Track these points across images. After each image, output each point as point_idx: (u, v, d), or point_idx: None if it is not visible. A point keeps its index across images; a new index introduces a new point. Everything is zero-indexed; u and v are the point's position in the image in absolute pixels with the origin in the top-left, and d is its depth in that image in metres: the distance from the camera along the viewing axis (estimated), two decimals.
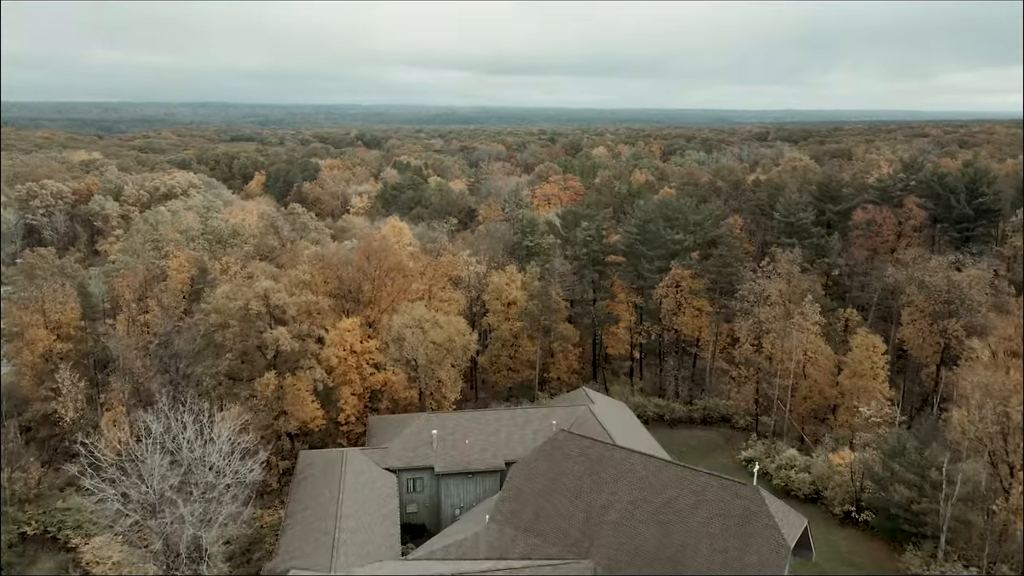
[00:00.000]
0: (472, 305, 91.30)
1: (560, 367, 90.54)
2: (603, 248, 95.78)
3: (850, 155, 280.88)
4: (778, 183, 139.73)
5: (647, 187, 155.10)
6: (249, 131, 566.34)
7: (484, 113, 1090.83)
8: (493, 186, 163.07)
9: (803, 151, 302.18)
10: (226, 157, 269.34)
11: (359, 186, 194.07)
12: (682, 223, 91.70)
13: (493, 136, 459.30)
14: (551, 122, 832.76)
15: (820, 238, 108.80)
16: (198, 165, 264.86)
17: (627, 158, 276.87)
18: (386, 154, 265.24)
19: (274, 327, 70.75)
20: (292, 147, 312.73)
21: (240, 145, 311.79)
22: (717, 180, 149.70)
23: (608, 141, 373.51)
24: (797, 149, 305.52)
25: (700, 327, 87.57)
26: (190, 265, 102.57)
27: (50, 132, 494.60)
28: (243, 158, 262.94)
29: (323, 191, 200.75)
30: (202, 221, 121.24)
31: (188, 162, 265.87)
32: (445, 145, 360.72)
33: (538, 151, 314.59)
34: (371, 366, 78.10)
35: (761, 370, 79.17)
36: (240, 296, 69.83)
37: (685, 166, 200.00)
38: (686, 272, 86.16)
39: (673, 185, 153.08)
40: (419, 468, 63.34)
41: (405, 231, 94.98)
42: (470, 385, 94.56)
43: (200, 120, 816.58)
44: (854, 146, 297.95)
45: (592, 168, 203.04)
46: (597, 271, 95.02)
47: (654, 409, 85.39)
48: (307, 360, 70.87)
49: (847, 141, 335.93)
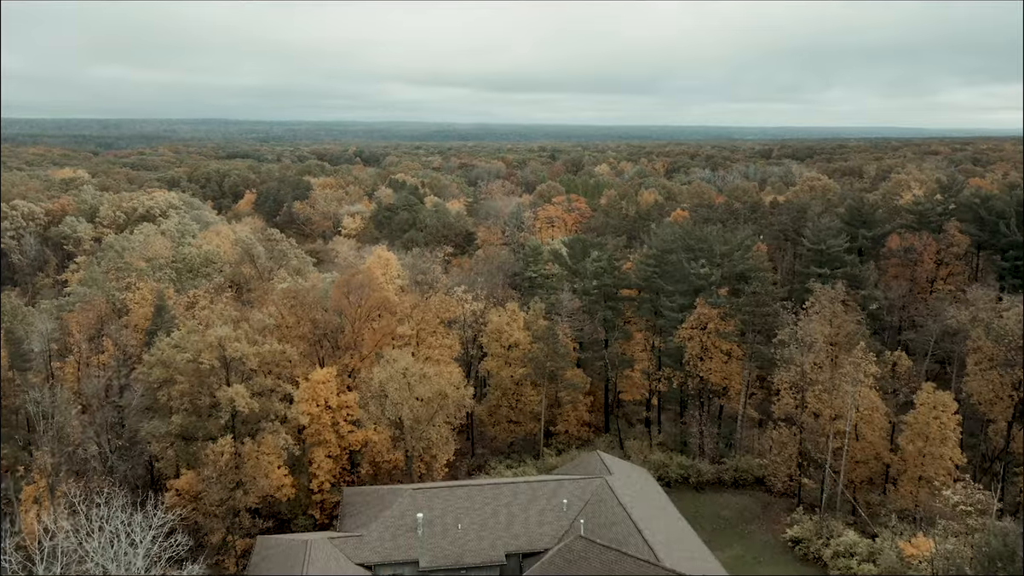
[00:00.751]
0: (468, 348, 79.39)
1: (568, 419, 78.52)
2: (616, 281, 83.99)
3: (861, 173, 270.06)
4: (799, 205, 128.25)
5: (656, 208, 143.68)
6: (247, 147, 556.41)
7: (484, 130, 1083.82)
8: (492, 207, 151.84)
9: (812, 169, 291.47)
10: (217, 175, 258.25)
11: (351, 206, 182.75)
12: (707, 253, 79.90)
13: (493, 153, 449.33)
14: (550, 138, 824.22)
15: (853, 267, 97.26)
16: (188, 183, 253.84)
17: (631, 176, 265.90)
18: (382, 171, 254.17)
19: (231, 383, 59.04)
20: (287, 164, 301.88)
21: (232, 163, 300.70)
22: (733, 202, 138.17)
23: (610, 158, 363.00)
24: (805, 167, 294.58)
25: (729, 374, 75.60)
26: (154, 298, 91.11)
27: (46, 148, 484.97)
28: (234, 176, 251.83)
29: (314, 211, 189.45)
30: (175, 246, 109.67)
31: (178, 180, 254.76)
32: (444, 162, 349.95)
33: (539, 169, 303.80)
34: (349, 423, 66.24)
35: (805, 428, 67.19)
36: (190, 346, 57.97)
37: (693, 185, 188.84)
38: (713, 312, 74.28)
39: (685, 207, 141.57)
40: (401, 563, 51.25)
41: (392, 262, 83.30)
42: (466, 436, 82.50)
43: (200, 137, 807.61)
44: (864, 164, 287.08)
45: (596, 187, 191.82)
46: (610, 307, 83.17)
47: (677, 470, 73.27)
48: (271, 424, 58.95)
49: (855, 159, 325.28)
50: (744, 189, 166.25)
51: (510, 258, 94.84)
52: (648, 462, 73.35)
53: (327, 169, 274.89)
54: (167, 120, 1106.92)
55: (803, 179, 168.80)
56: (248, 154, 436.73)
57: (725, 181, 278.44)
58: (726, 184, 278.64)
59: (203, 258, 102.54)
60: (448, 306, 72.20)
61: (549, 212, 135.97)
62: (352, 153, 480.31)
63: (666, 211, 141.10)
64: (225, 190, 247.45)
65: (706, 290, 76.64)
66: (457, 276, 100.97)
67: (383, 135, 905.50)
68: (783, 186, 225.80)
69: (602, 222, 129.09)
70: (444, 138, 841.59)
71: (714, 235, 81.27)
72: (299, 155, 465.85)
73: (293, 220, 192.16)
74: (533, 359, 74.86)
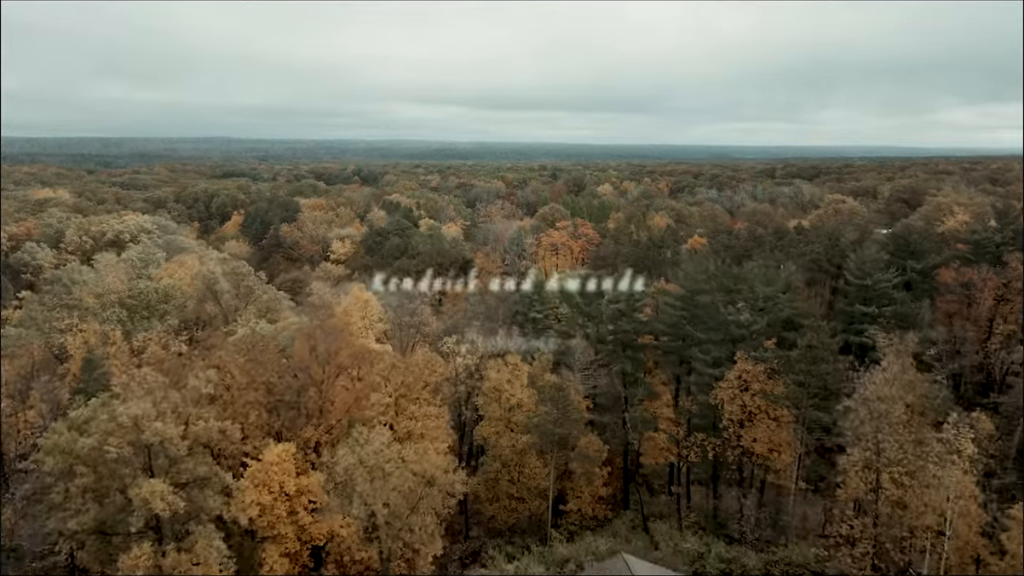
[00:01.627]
0: (461, 409, 65.53)
1: (582, 495, 64.55)
2: (637, 326, 70.35)
3: (875, 193, 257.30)
4: (830, 231, 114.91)
5: (670, 234, 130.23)
6: (245, 166, 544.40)
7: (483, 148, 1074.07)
8: (492, 231, 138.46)
9: (822, 188, 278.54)
10: (205, 195, 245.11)
11: (341, 229, 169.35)
12: (746, 295, 66.24)
13: (492, 172, 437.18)
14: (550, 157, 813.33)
15: (904, 305, 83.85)
16: (174, 204, 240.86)
17: (636, 196, 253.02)
18: (377, 192, 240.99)
19: (154, 472, 45.28)
20: (280, 184, 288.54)
21: (222, 182, 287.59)
22: (755, 227, 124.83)
23: (613, 178, 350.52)
24: (814, 186, 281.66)
25: (778, 443, 61.73)
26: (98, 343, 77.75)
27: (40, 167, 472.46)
28: (223, 196, 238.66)
29: (302, 234, 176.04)
30: (134, 278, 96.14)
31: (164, 200, 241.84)
32: (442, 182, 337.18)
33: (540, 188, 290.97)
34: (310, 512, 52.41)
35: (880, 520, 53.31)
36: (95, 428, 44.21)
37: (705, 208, 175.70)
38: (758, 369, 60.54)
39: (700, 232, 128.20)
40: None
41: (373, 305, 69.67)
42: (460, 510, 68.42)
43: (200, 155, 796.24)
44: (877, 184, 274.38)
45: (602, 209, 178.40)
46: (629, 358, 69.48)
47: (717, 563, 59.11)
48: (203, 527, 45.06)
49: (866, 178, 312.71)
50: (765, 213, 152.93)
51: (510, 298, 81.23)
52: (680, 552, 59.33)
53: (320, 189, 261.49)
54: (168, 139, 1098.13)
55: (827, 201, 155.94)
56: (244, 173, 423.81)
57: (733, 201, 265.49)
58: (734, 204, 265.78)
59: (161, 294, 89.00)
60: (435, 366, 58.42)
61: (553, 238, 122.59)
62: (351, 172, 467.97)
63: (680, 237, 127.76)
64: (213, 211, 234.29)
65: (748, 341, 62.95)
66: (451, 312, 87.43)
67: (384, 154, 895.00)
68: (796, 208, 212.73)
69: (612, 250, 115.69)
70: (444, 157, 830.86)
71: (754, 274, 67.60)
72: (297, 174, 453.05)
73: (280, 244, 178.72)
74: (539, 424, 61.03)
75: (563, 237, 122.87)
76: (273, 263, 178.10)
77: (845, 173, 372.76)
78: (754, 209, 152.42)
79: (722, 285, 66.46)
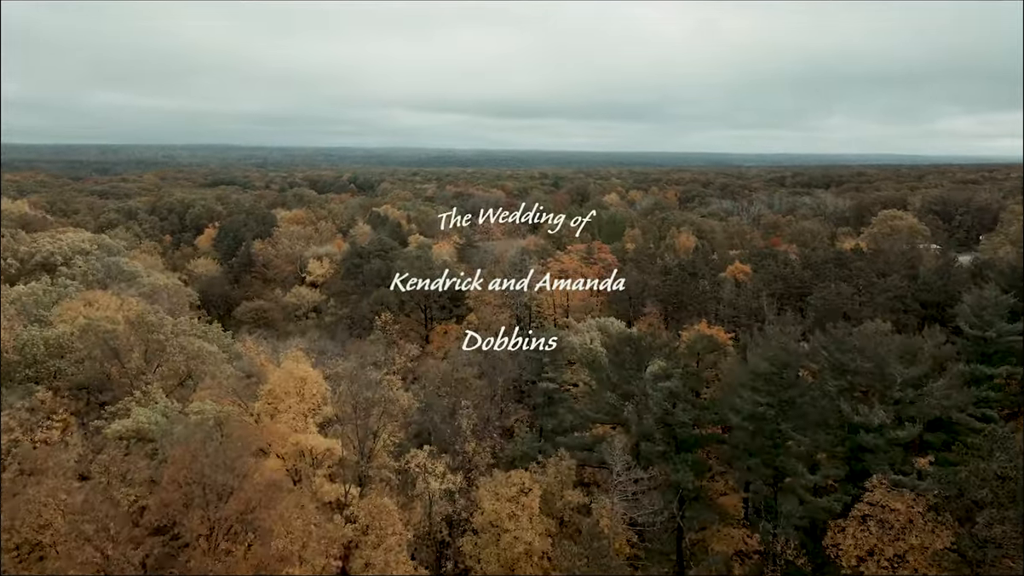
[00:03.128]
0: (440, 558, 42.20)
1: None
2: (699, 414, 47.33)
3: (904, 204, 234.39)
4: (906, 257, 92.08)
5: (701, 258, 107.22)
6: (239, 173, 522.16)
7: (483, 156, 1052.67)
8: (490, 252, 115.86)
9: (843, 198, 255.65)
10: (180, 206, 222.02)
11: (320, 247, 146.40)
12: (875, 379, 43.11)
13: (492, 181, 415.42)
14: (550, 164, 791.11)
15: None
16: (147, 215, 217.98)
17: (647, 208, 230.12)
18: (365, 202, 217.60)
19: None
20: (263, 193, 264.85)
21: (201, 192, 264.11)
22: (804, 249, 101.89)
23: (618, 186, 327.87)
24: (834, 196, 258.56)
25: None
26: None
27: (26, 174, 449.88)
28: (199, 207, 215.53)
29: (276, 252, 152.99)
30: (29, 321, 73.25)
31: (135, 211, 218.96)
32: (438, 191, 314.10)
33: (543, 198, 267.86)
34: None
35: None
36: None
37: (732, 224, 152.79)
38: (906, 504, 37.50)
39: (738, 254, 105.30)
40: None
41: (311, 380, 46.54)
42: None
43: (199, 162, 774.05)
44: (903, 194, 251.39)
45: (613, 223, 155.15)
46: (687, 461, 46.42)
47: None
48: None
49: (886, 187, 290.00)
50: (813, 232, 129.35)
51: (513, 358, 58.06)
52: None
53: (307, 198, 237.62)
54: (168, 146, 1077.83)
55: (880, 217, 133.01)
56: (234, 180, 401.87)
57: (749, 213, 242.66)
58: (751, 216, 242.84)
59: (53, 346, 65.99)
60: (388, 519, 35.20)
61: (564, 263, 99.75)
62: (346, 180, 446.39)
63: (714, 261, 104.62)
64: (187, 223, 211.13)
65: (882, 453, 39.88)
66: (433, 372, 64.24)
67: (383, 161, 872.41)
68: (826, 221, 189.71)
69: (636, 279, 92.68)
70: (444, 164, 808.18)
71: (883, 343, 44.28)
72: (291, 181, 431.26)
73: (251, 263, 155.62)
74: None
75: (574, 262, 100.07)
76: (244, 284, 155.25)
77: (862, 181, 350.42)
78: (803, 229, 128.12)
79: (833, 362, 43.34)
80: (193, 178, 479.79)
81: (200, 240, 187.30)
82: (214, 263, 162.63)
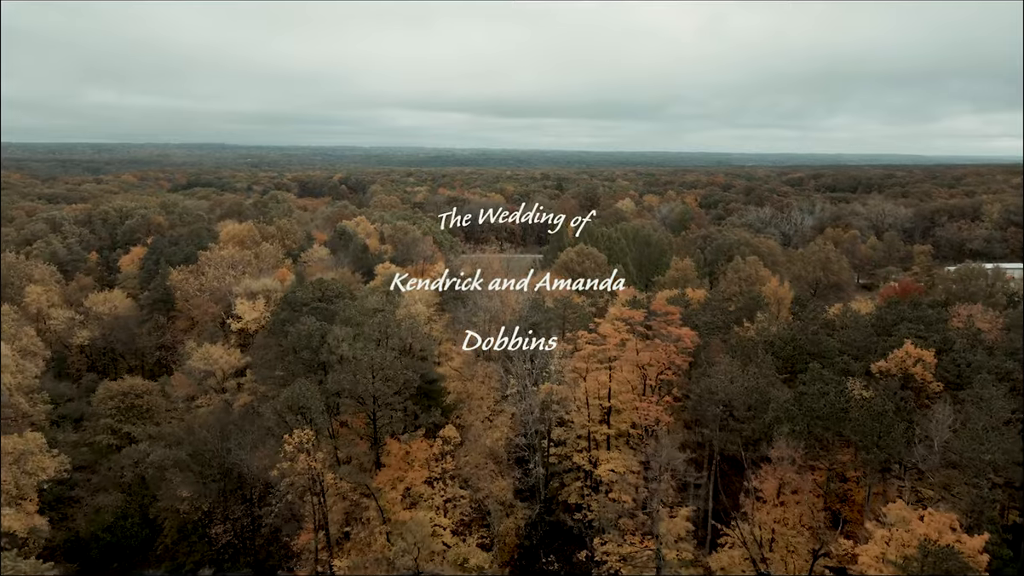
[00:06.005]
0: None
1: None
2: None
3: (976, 213, 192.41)
4: None
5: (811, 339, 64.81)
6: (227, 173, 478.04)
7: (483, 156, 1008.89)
8: (489, 311, 73.37)
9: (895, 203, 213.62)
10: (117, 215, 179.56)
11: (255, 281, 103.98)
12: None
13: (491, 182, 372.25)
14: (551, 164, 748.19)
15: None
16: (74, 226, 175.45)
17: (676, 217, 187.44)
18: (335, 212, 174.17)
19: None
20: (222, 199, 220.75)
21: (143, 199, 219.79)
22: None
23: (629, 190, 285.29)
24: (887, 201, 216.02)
25: None
26: None
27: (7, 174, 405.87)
28: (136, 217, 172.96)
29: (200, 284, 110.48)
30: None
31: (60, 223, 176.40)
32: (430, 194, 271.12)
33: (547, 204, 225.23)
34: None
35: None
36: None
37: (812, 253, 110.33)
38: None
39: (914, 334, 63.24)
40: None
41: None
42: None
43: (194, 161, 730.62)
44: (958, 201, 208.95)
45: (648, 247, 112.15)
46: None
47: None
48: None
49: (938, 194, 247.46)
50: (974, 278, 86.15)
51: None
52: None
53: (271, 206, 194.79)
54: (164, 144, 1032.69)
55: None
56: (211, 183, 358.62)
57: (791, 223, 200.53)
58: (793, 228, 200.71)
59: None
60: None
61: (608, 337, 58.03)
62: (337, 180, 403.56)
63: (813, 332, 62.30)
64: (118, 238, 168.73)
65: None
66: None
67: (380, 161, 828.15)
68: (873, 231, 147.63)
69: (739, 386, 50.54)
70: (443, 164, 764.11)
71: None
72: (278, 183, 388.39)
73: (167, 298, 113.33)
74: None
75: (620, 334, 58.19)
76: (159, 328, 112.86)
77: (891, 183, 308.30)
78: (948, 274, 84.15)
79: None
80: (175, 178, 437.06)
81: (124, 261, 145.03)
82: (126, 296, 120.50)
